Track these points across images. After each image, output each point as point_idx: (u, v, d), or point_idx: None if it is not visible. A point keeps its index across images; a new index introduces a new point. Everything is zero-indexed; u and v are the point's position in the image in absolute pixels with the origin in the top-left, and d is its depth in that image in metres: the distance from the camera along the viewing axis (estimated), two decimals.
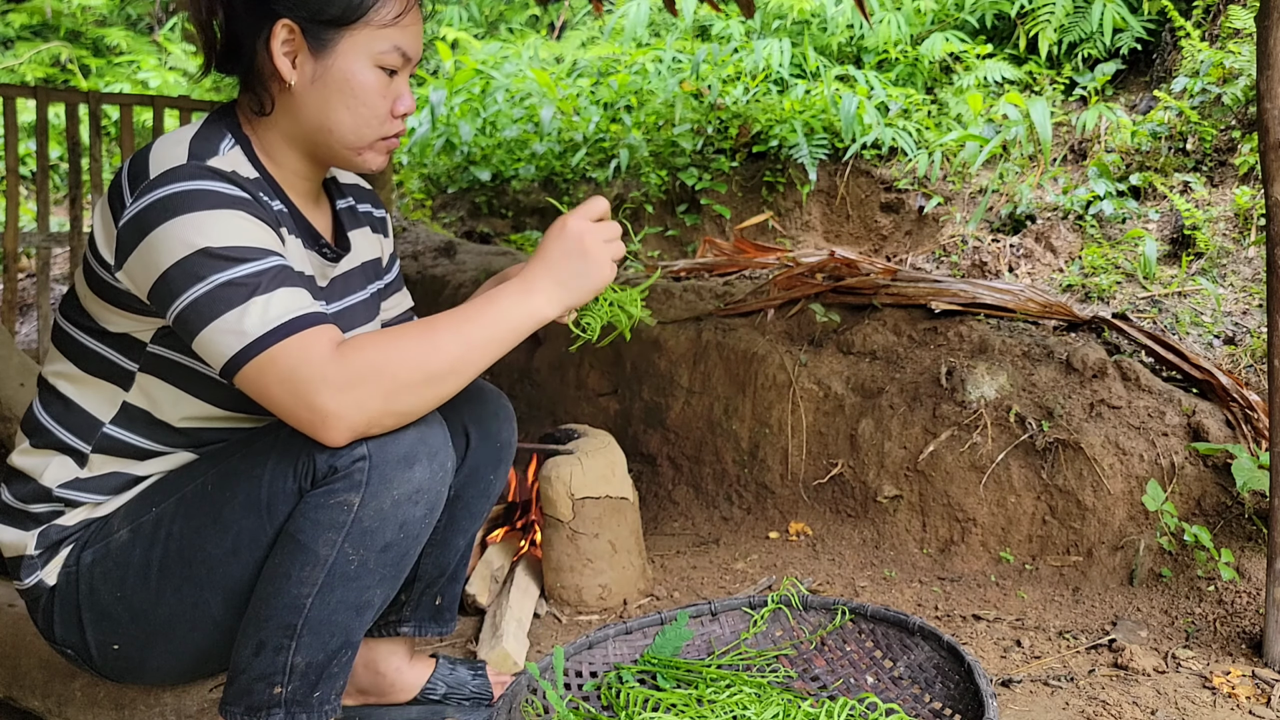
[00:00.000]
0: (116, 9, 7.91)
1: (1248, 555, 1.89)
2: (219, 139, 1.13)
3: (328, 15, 1.10)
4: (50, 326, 3.70)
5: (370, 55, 1.13)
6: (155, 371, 1.15)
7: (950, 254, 3.82)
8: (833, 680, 1.42)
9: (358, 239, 1.32)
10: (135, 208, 1.04)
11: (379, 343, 1.02)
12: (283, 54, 1.11)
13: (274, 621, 1.07)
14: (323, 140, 1.16)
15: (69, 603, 1.17)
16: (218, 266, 1.01)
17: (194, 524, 1.12)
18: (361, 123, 1.15)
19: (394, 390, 1.02)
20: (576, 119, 5.20)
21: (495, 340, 1.07)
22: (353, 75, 1.12)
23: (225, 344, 1.01)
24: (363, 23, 1.12)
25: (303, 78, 1.12)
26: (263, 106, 1.15)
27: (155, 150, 1.08)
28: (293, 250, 1.16)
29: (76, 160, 3.80)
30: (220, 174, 1.06)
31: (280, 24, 1.10)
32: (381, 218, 1.41)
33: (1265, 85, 1.61)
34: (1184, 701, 1.53)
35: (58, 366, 1.18)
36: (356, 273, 1.32)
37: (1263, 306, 2.98)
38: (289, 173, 1.19)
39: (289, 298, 1.03)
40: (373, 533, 1.07)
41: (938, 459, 2.21)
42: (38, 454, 1.18)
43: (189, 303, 1.01)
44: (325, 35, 1.11)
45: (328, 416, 1.00)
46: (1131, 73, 4.52)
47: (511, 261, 3.55)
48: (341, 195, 1.33)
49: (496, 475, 1.35)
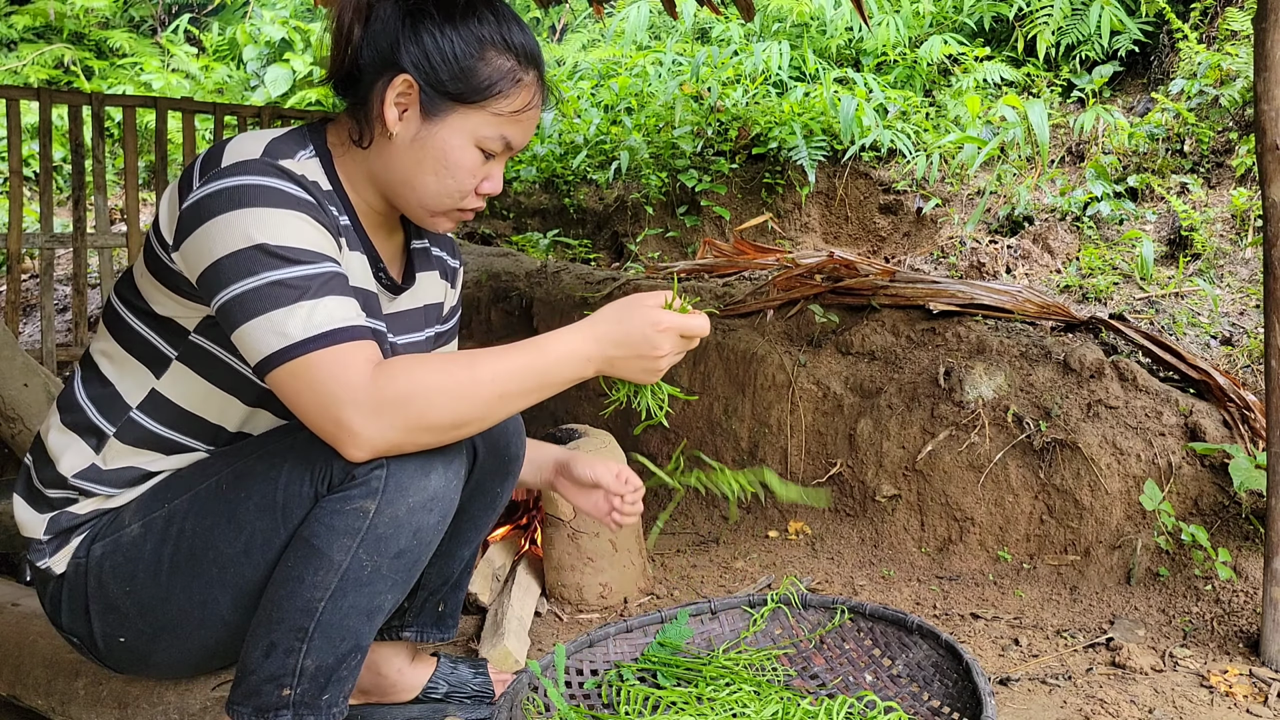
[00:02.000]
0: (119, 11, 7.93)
1: (1245, 555, 1.90)
2: (299, 146, 1.14)
3: (451, 89, 1.11)
4: (52, 328, 3.72)
5: (475, 137, 1.13)
6: (191, 363, 1.15)
7: (948, 255, 3.83)
8: (832, 678, 1.43)
9: (424, 280, 1.32)
10: (201, 192, 1.05)
11: (416, 373, 1.01)
12: (394, 104, 1.11)
13: (286, 624, 1.08)
14: (403, 194, 1.16)
15: (77, 593, 1.18)
16: (271, 264, 1.01)
17: (206, 522, 1.12)
18: (444, 193, 1.15)
19: (420, 427, 1.02)
20: (577, 121, 5.22)
21: (533, 393, 1.06)
22: (453, 150, 1.13)
23: (265, 341, 1.01)
24: (480, 106, 1.12)
25: (405, 133, 1.12)
26: (361, 139, 1.15)
27: (233, 143, 1.10)
28: (353, 264, 1.16)
29: (79, 162, 3.81)
30: (290, 174, 1.07)
31: (402, 78, 1.10)
32: (455, 268, 1.40)
33: (1262, 87, 1.62)
34: (1181, 700, 1.54)
35: (103, 344, 1.19)
36: (417, 313, 1.31)
37: (1259, 307, 2.99)
38: (363, 201, 1.19)
39: (336, 306, 1.03)
40: (387, 539, 1.07)
41: (936, 459, 2.22)
42: (64, 434, 1.19)
43: (236, 295, 1.02)
44: (440, 104, 1.11)
45: (353, 435, 1.00)
46: (1129, 75, 4.54)
47: (513, 263, 3.56)
48: (419, 236, 1.33)
49: (503, 488, 1.34)
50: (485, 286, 3.31)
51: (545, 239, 4.68)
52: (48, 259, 3.77)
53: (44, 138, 3.73)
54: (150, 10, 8.10)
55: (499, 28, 1.12)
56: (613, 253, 4.74)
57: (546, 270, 3.41)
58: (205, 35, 7.70)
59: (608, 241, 4.77)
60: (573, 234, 4.84)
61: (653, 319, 1.07)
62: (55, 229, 3.88)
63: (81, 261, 3.83)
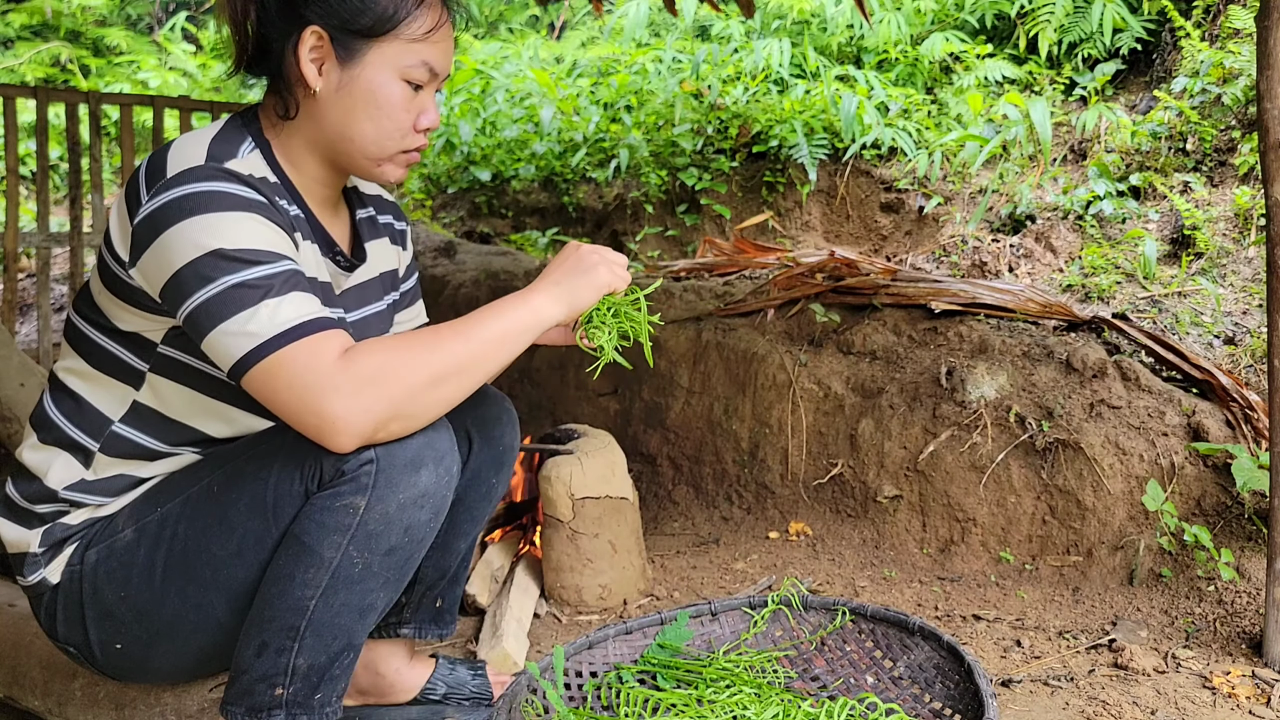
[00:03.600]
0: (116, 9, 7.92)
1: (1248, 555, 1.89)
2: (239, 141, 1.13)
3: (358, 25, 1.10)
4: (49, 327, 3.71)
5: (397, 68, 1.12)
6: (166, 372, 1.15)
7: (950, 254, 3.82)
8: (833, 680, 1.42)
9: (375, 250, 1.32)
10: (150, 206, 1.04)
11: (384, 347, 1.02)
12: (310, 60, 1.11)
13: (277, 623, 1.07)
14: (344, 149, 1.16)
15: (72, 601, 1.17)
16: (230, 268, 1.01)
17: (199, 525, 1.12)
18: (384, 134, 1.14)
19: (399, 395, 1.01)
20: (576, 119, 5.20)
21: (499, 341, 1.07)
22: (378, 87, 1.12)
23: (234, 345, 1.01)
24: (392, 35, 1.11)
25: (328, 85, 1.12)
26: (287, 110, 1.14)
27: (174, 149, 1.08)
28: (307, 256, 1.15)
29: (76, 160, 3.80)
30: (237, 176, 1.06)
31: (310, 30, 1.10)
32: (402, 230, 1.40)
33: (1265, 85, 1.61)
34: (1184, 701, 1.53)
35: (69, 363, 1.18)
36: (374, 284, 1.31)
37: (1262, 306, 2.98)
38: (309, 179, 1.19)
39: (299, 302, 1.03)
40: (378, 536, 1.07)
41: (938, 459, 2.21)
42: (44, 450, 1.18)
43: (199, 303, 1.01)
44: (354, 45, 1.11)
45: (335, 422, 1.00)
46: (1131, 73, 4.53)
47: (512, 262, 3.55)
48: (362, 205, 1.33)
49: (499, 479, 1.35)
50: (484, 285, 3.30)
51: (544, 238, 4.66)
52: (44, 258, 3.76)
53: (41, 136, 3.72)
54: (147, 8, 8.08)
55: None
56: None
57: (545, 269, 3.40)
58: (202, 33, 7.69)
59: (607, 240, 4.76)
60: (572, 232, 4.83)
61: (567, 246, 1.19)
62: (52, 228, 3.88)
63: (78, 260, 3.82)
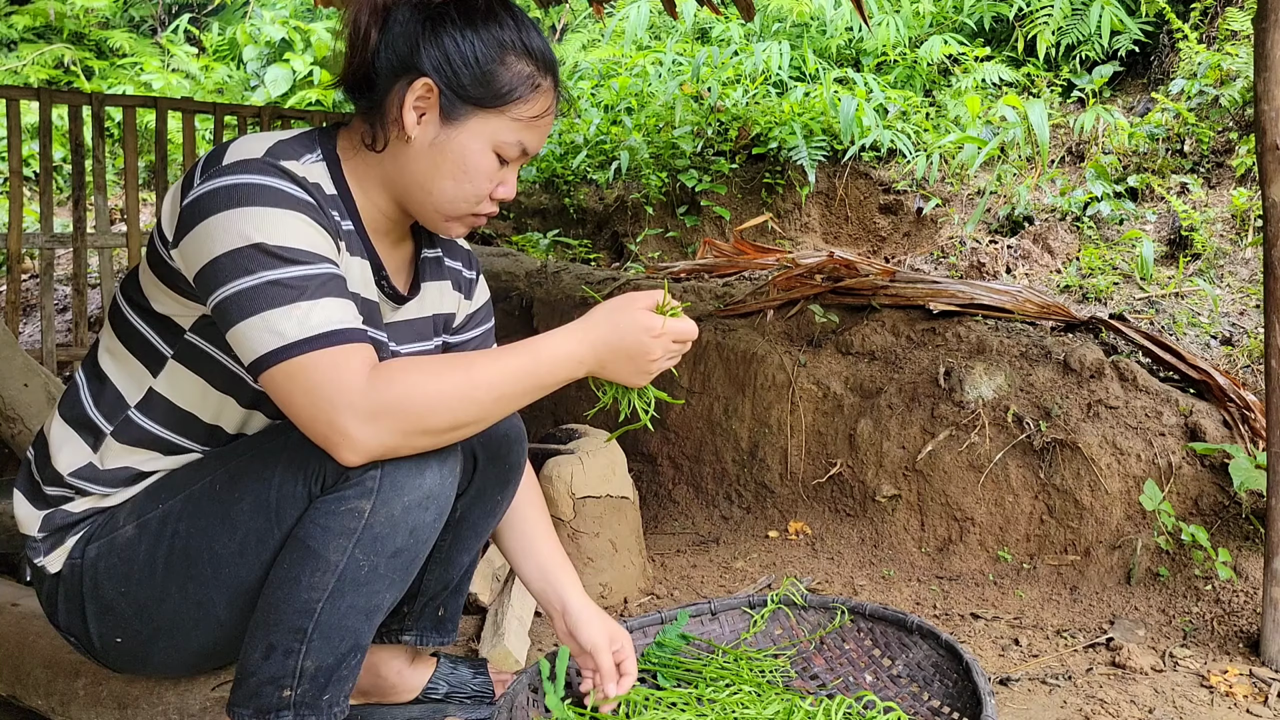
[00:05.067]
0: (119, 11, 7.93)
1: (1245, 555, 1.90)
2: (305, 150, 1.13)
3: (471, 93, 1.11)
4: (52, 328, 3.72)
5: (494, 142, 1.13)
6: (187, 361, 1.15)
7: (948, 255, 3.83)
8: (832, 679, 1.43)
9: (432, 290, 1.30)
10: (202, 189, 1.05)
11: (412, 377, 1.01)
12: (413, 108, 1.11)
13: (284, 625, 1.08)
14: (418, 198, 1.16)
15: (73, 594, 1.17)
16: (269, 263, 1.01)
17: (201, 523, 1.12)
18: (461, 197, 1.15)
19: (415, 432, 1.02)
20: (577, 121, 5.22)
21: (529, 394, 1.06)
22: (471, 154, 1.13)
23: (260, 341, 1.01)
24: (500, 111, 1.12)
25: (423, 136, 1.12)
26: (375, 143, 1.14)
27: (237, 142, 1.09)
28: (353, 270, 1.15)
29: (80, 162, 3.81)
30: (291, 175, 1.06)
31: (422, 81, 1.10)
32: (469, 279, 1.38)
33: (1262, 87, 1.62)
34: (1181, 700, 1.54)
35: (107, 341, 1.19)
36: (423, 323, 1.30)
37: (1259, 307, 2.99)
38: (372, 206, 1.18)
39: (333, 308, 1.02)
40: (383, 538, 1.07)
41: (936, 459, 2.21)
42: (64, 429, 1.19)
43: (233, 293, 1.01)
44: (460, 108, 1.11)
45: (346, 438, 1.00)
46: (1129, 75, 4.54)
47: (512, 262, 3.56)
48: (431, 245, 1.32)
49: (504, 495, 1.34)
50: None
51: (545, 239, 4.67)
52: (48, 259, 3.77)
53: (44, 138, 3.73)
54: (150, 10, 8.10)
55: (519, 32, 1.12)
56: (613, 253, 4.74)
57: (546, 270, 3.42)
58: (205, 35, 7.70)
59: (608, 241, 4.77)
60: (573, 234, 4.84)
61: (645, 324, 1.09)
62: (55, 229, 3.88)
63: (81, 262, 3.83)
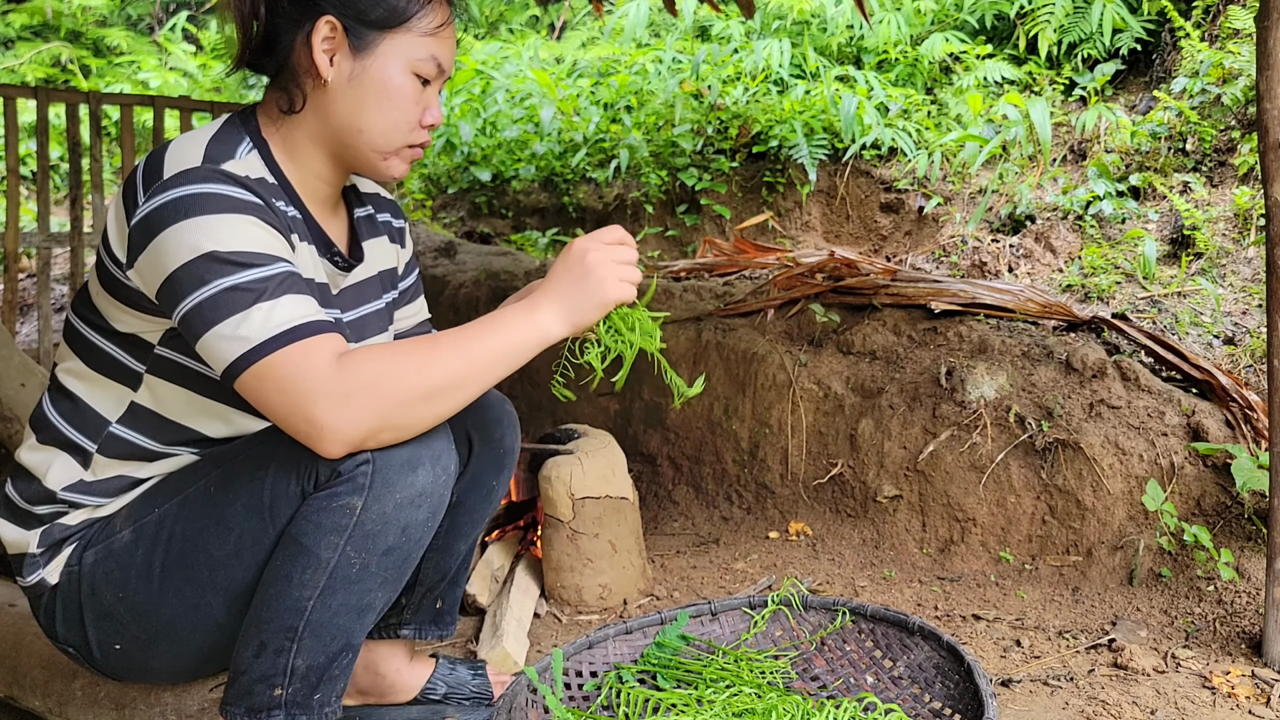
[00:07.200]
0: (117, 9, 7.92)
1: (1247, 555, 1.89)
2: (237, 142, 1.13)
3: (371, 17, 1.12)
4: (50, 327, 3.71)
5: (408, 61, 1.14)
6: (163, 374, 1.15)
7: (950, 254, 3.82)
8: (832, 680, 1.42)
9: (373, 249, 1.32)
10: (147, 207, 1.04)
11: (379, 356, 1.02)
12: (322, 50, 1.12)
13: (275, 623, 1.07)
14: (351, 141, 1.16)
15: (71, 602, 1.17)
16: (224, 271, 1.01)
17: (196, 525, 1.12)
18: (391, 126, 1.15)
19: (391, 406, 1.01)
20: (576, 119, 5.21)
21: (498, 357, 1.06)
22: (389, 78, 1.13)
23: (227, 348, 1.01)
24: (405, 28, 1.13)
25: (339, 76, 1.13)
26: (293, 104, 1.15)
27: (171, 150, 1.09)
28: (304, 257, 1.15)
29: (77, 160, 3.80)
30: (234, 178, 1.06)
31: (324, 20, 1.11)
32: (400, 227, 1.40)
33: (1265, 85, 1.61)
34: (1184, 701, 1.53)
35: (68, 364, 1.19)
36: (371, 282, 1.31)
37: (1262, 306, 2.98)
38: (310, 175, 1.19)
39: (294, 305, 1.02)
40: (375, 536, 1.07)
41: (937, 459, 2.21)
42: (43, 450, 1.18)
43: (193, 305, 1.01)
44: (367, 36, 1.12)
45: (323, 429, 1.00)
46: (1131, 73, 4.53)
47: (511, 262, 3.55)
48: (360, 204, 1.33)
49: (499, 481, 1.35)
50: (484, 285, 3.30)
51: (544, 238, 4.67)
52: (45, 258, 3.76)
53: (41, 136, 3.72)
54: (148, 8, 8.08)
55: None
56: None
57: (545, 269, 3.41)
58: (203, 33, 7.69)
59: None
60: (572, 232, 4.83)
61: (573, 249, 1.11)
62: (52, 228, 3.87)
63: (79, 261, 3.82)
